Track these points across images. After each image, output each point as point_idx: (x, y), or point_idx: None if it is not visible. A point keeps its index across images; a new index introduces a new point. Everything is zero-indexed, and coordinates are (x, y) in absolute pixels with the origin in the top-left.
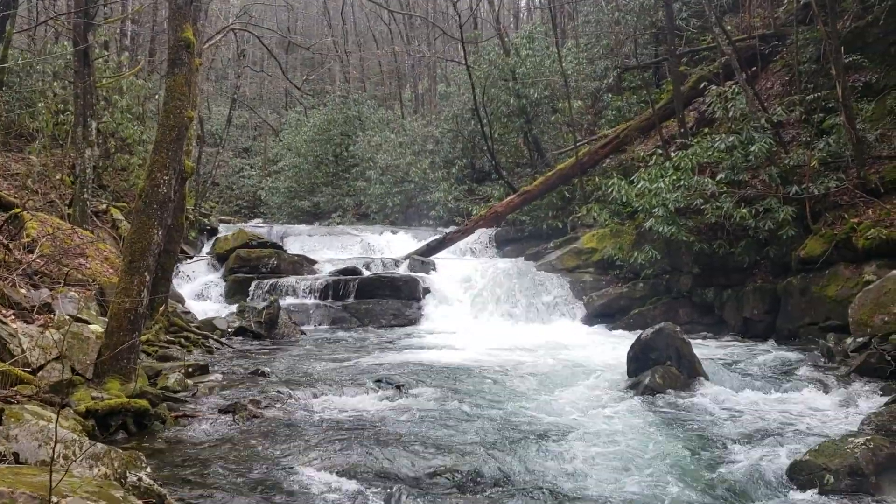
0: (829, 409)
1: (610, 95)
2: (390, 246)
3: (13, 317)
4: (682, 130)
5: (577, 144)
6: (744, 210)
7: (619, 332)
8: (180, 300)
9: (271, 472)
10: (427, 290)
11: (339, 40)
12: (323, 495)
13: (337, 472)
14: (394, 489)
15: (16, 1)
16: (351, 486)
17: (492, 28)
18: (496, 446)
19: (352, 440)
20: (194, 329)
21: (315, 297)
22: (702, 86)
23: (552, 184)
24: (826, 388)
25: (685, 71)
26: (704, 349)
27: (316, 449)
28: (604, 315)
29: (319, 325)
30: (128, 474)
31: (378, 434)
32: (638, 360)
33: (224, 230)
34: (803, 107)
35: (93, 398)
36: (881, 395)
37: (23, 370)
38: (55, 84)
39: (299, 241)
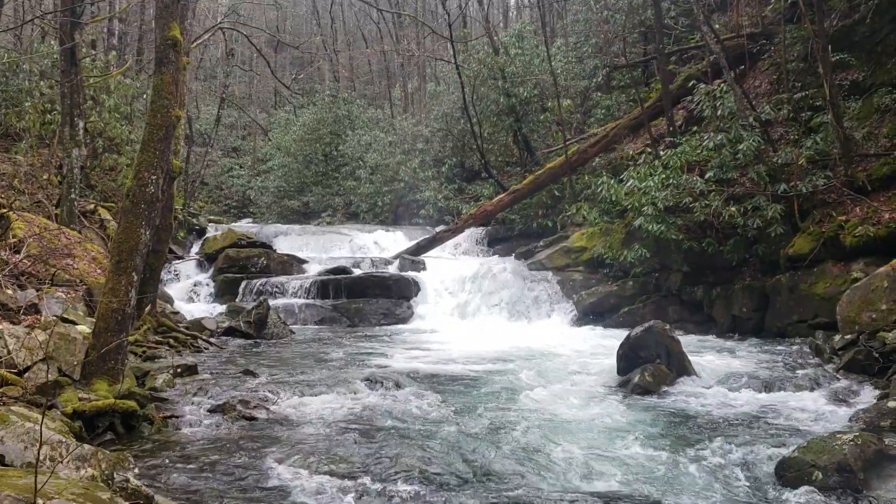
0: (817, 406)
1: (599, 94)
2: (380, 245)
3: None
4: (671, 129)
5: (567, 143)
6: (732, 208)
7: (609, 330)
8: (169, 300)
9: (260, 473)
10: (417, 290)
11: (328, 39)
12: (312, 496)
13: (326, 472)
14: (382, 489)
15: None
16: (340, 485)
17: (481, 27)
18: (486, 445)
19: (341, 440)
20: (183, 329)
21: (305, 297)
22: (690, 84)
23: (542, 182)
24: (814, 386)
25: (674, 70)
26: (693, 347)
27: (305, 449)
28: (593, 313)
29: (309, 324)
30: (115, 475)
31: (367, 434)
32: (627, 359)
33: (213, 230)
34: (791, 105)
35: (80, 399)
36: (869, 392)
37: (9, 371)
38: (42, 83)
39: (289, 240)
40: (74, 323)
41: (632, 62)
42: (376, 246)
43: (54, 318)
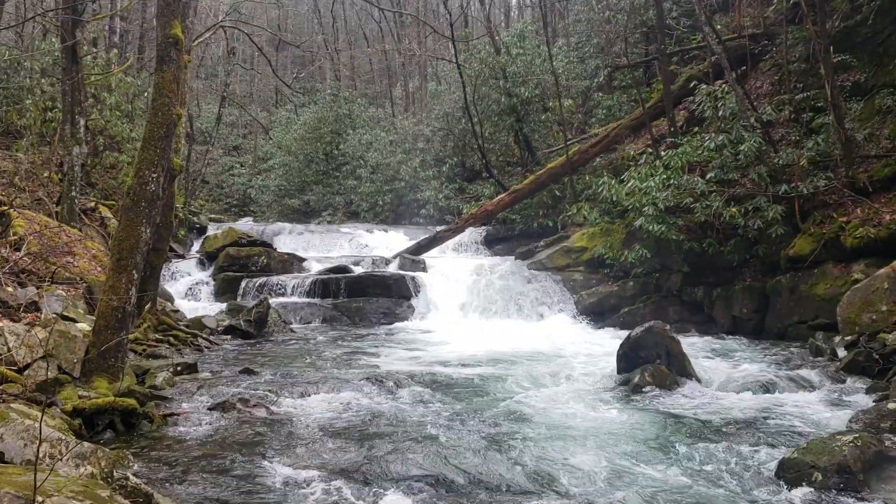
0: (817, 407)
1: (600, 94)
2: (381, 244)
3: None
4: (672, 129)
5: (568, 143)
6: (733, 209)
7: (609, 330)
8: (169, 299)
9: (259, 472)
10: (418, 289)
11: (329, 38)
12: (310, 495)
13: (325, 472)
14: (380, 492)
15: None
16: (339, 485)
17: (482, 26)
18: (485, 445)
19: (340, 439)
20: (183, 328)
21: (305, 296)
22: (692, 85)
23: (543, 182)
24: (814, 387)
25: (675, 70)
26: (693, 347)
27: (304, 448)
28: (594, 313)
29: (309, 323)
30: (114, 473)
31: (367, 433)
32: (627, 359)
33: (214, 228)
34: (792, 106)
35: (80, 397)
36: (869, 393)
37: (9, 369)
38: (43, 81)
39: (290, 239)
40: (74, 321)
41: (633, 62)
42: (377, 245)
43: (54, 315)
